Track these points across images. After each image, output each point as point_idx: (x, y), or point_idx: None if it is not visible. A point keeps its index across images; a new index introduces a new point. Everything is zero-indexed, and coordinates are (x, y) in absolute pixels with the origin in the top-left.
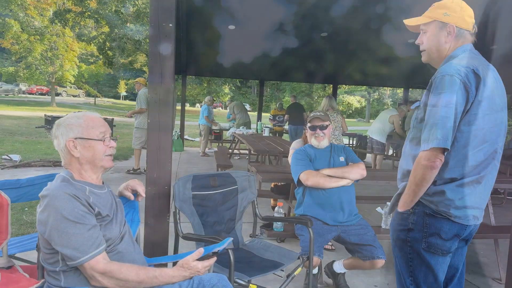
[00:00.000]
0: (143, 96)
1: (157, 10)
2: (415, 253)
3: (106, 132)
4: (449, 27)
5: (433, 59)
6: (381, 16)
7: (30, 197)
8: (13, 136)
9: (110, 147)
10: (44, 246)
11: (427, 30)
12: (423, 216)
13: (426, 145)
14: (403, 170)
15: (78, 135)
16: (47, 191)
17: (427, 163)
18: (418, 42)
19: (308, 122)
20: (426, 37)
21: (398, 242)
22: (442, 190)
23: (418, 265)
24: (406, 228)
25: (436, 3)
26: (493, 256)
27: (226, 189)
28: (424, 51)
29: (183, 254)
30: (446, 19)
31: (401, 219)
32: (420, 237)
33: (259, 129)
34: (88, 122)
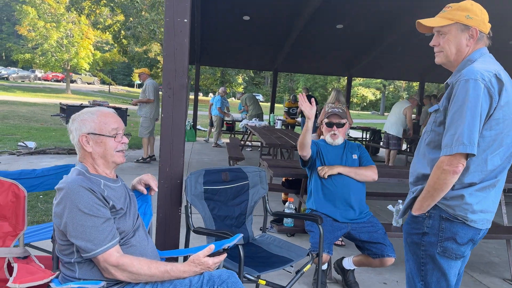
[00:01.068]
0: (152, 87)
1: (172, 5)
2: (428, 257)
3: (119, 129)
4: (472, 30)
5: (450, 62)
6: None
7: (45, 187)
8: (29, 123)
9: (122, 143)
10: (59, 237)
11: (446, 32)
12: (439, 220)
13: (448, 150)
14: (417, 173)
15: (90, 131)
16: (63, 184)
17: (449, 168)
18: (434, 43)
19: (325, 117)
20: (446, 39)
21: (411, 246)
22: (461, 194)
23: (431, 269)
24: (420, 232)
25: (454, 4)
26: (505, 257)
27: (237, 184)
28: (441, 53)
29: (194, 249)
30: (468, 22)
31: (415, 223)
32: (435, 241)
33: (271, 121)
34: (101, 118)
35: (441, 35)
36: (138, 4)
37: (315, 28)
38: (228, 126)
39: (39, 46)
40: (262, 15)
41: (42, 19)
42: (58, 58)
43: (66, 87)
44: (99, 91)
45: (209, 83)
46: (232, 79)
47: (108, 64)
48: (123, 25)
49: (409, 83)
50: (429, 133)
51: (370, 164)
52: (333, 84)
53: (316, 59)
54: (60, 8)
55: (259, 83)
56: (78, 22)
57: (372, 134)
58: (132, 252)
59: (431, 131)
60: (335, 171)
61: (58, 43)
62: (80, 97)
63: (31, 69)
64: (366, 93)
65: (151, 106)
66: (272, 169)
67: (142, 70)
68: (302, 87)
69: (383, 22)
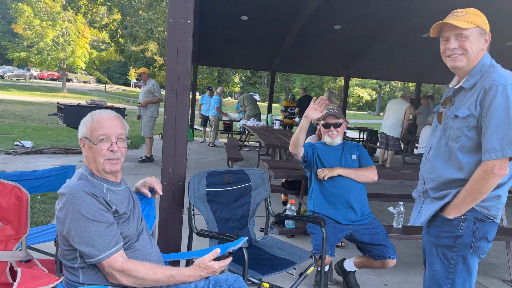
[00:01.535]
0: (159, 87)
1: (176, 6)
2: (460, 258)
3: (109, 135)
4: (487, 35)
5: (467, 65)
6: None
7: (46, 189)
8: (25, 122)
9: (110, 150)
10: (62, 242)
11: (468, 36)
12: (473, 222)
13: (499, 154)
14: (444, 179)
15: (84, 135)
16: (65, 189)
17: (499, 171)
18: (454, 46)
19: (321, 119)
20: (469, 42)
21: (441, 249)
22: (498, 194)
23: (459, 271)
24: (454, 235)
25: (470, 9)
26: (504, 258)
27: (240, 186)
28: (463, 56)
29: (197, 252)
30: (485, 27)
31: (449, 226)
32: (469, 242)
33: (269, 122)
34: (94, 122)
35: (462, 38)
36: (135, 3)
37: (313, 28)
38: (226, 126)
39: (35, 45)
40: (260, 15)
41: (38, 17)
42: (54, 57)
43: (62, 86)
44: (95, 90)
45: (206, 82)
46: (229, 78)
47: (105, 63)
48: (120, 24)
49: (405, 84)
50: (460, 138)
51: (370, 165)
52: (329, 84)
53: (314, 59)
54: (56, 7)
55: (255, 82)
56: (74, 21)
57: (369, 134)
58: (137, 256)
59: (463, 136)
60: (335, 173)
61: (54, 41)
62: (76, 96)
63: (27, 68)
64: (362, 93)
65: (157, 106)
66: (273, 170)
67: (143, 70)
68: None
69: (381, 23)
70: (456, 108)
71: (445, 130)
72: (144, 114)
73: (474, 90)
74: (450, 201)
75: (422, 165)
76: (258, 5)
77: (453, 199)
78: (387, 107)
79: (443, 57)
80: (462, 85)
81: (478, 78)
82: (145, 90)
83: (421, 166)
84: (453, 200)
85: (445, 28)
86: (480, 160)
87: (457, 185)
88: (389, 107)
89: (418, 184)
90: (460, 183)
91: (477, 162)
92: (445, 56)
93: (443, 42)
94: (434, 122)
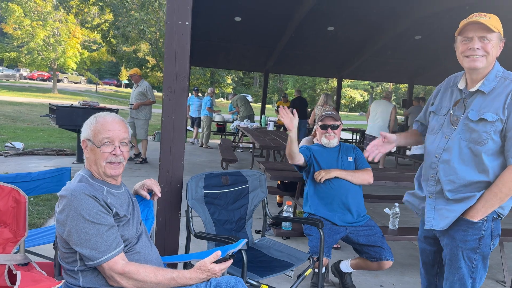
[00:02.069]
0: (151, 88)
1: (174, 8)
2: (481, 257)
3: (113, 139)
4: (503, 42)
5: (485, 67)
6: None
7: (41, 191)
8: (15, 123)
9: (112, 154)
10: (62, 245)
11: (490, 39)
12: (492, 221)
13: None
14: (466, 181)
15: (87, 137)
16: (66, 191)
17: None
18: (478, 47)
19: (319, 120)
20: (491, 45)
21: (467, 252)
22: None
23: (479, 270)
24: (478, 236)
25: (492, 15)
26: (498, 258)
27: (237, 187)
28: (484, 57)
29: (197, 254)
30: (502, 34)
31: (474, 229)
32: (489, 242)
33: (263, 123)
34: (98, 125)
35: (485, 40)
36: (128, 4)
37: (307, 30)
38: (219, 127)
39: (25, 45)
40: (253, 17)
41: (28, 17)
42: (45, 57)
43: (53, 86)
44: (86, 90)
45: (199, 83)
46: (222, 79)
47: (96, 64)
48: (112, 25)
49: (396, 85)
50: (488, 142)
51: (366, 167)
52: (321, 85)
53: (308, 61)
54: (47, 7)
55: (248, 83)
56: (65, 21)
57: (362, 136)
58: (137, 259)
59: (490, 139)
60: (331, 175)
61: (45, 41)
62: (67, 97)
63: (16, 68)
64: (354, 95)
65: (150, 108)
66: (269, 172)
67: (134, 71)
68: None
69: (373, 26)
70: (476, 111)
71: (464, 132)
72: (138, 117)
73: (494, 94)
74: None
75: (430, 166)
76: (251, 6)
77: (478, 202)
78: (372, 109)
79: (461, 57)
80: (480, 89)
81: (495, 84)
82: (138, 92)
83: (429, 167)
84: (479, 203)
85: (469, 28)
86: (503, 163)
87: (480, 187)
88: (375, 108)
89: (425, 185)
90: (483, 185)
91: (501, 164)
92: (463, 56)
93: (463, 41)
94: (436, 122)
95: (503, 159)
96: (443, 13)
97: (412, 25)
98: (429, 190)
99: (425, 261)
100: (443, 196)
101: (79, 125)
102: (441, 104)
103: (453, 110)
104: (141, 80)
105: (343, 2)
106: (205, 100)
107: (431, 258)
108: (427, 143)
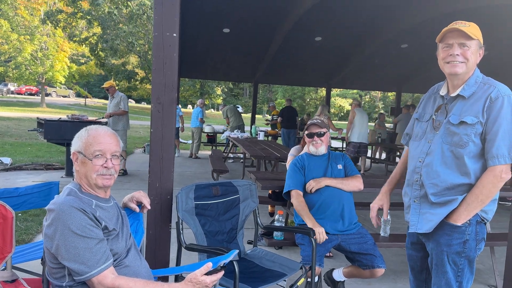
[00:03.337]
0: (127, 99)
1: (161, 20)
2: (466, 261)
3: (105, 151)
4: (482, 49)
5: (465, 73)
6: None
7: (28, 206)
8: (3, 138)
9: (104, 167)
10: (50, 260)
11: (470, 46)
12: (476, 225)
13: (507, 159)
14: (448, 183)
15: (78, 149)
16: (54, 205)
17: (506, 176)
18: (457, 53)
19: (305, 129)
20: (470, 52)
21: (452, 256)
22: (495, 198)
23: (466, 273)
24: (462, 240)
25: (471, 23)
26: (489, 263)
27: (228, 198)
28: (463, 64)
29: (188, 266)
30: (482, 42)
31: (457, 233)
32: (474, 245)
33: (253, 133)
34: (90, 138)
35: (464, 47)
36: (116, 17)
37: (294, 40)
38: (210, 138)
39: (12, 59)
40: (241, 28)
41: (16, 31)
42: (32, 71)
43: (41, 100)
44: (75, 104)
45: (189, 94)
46: (212, 90)
47: (84, 77)
48: (101, 38)
49: (385, 93)
50: (469, 144)
51: (355, 174)
52: (310, 94)
53: (296, 70)
54: (34, 21)
55: (237, 94)
56: (53, 35)
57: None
58: (126, 272)
59: (470, 142)
60: (322, 184)
61: (32, 56)
62: (56, 111)
63: (4, 83)
64: (343, 104)
65: (127, 118)
66: (260, 182)
67: (110, 83)
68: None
69: (360, 35)
70: (457, 115)
71: (446, 136)
72: (117, 128)
73: (474, 98)
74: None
75: (414, 170)
76: (239, 17)
77: (461, 205)
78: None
79: (442, 63)
80: (460, 93)
81: (475, 89)
82: (114, 103)
83: (413, 172)
84: (461, 206)
85: (449, 35)
86: (485, 165)
87: (462, 190)
88: (362, 116)
89: (409, 189)
90: (466, 187)
91: (482, 167)
92: (444, 62)
93: (444, 48)
94: (419, 128)
95: (484, 161)
96: (427, 22)
97: (398, 34)
98: (414, 195)
99: (413, 267)
100: (427, 200)
101: (68, 139)
102: (425, 111)
103: (435, 116)
104: (116, 92)
105: (330, 12)
106: (196, 111)
107: (419, 264)
108: (411, 149)
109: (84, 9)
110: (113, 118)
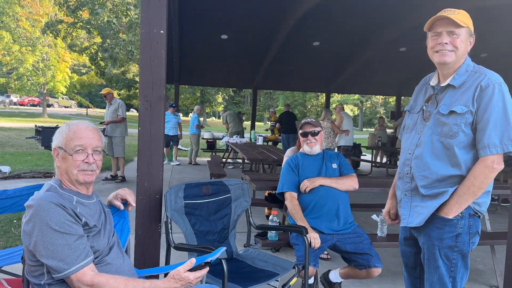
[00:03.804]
0: (124, 106)
1: (148, 17)
2: (460, 256)
3: (85, 146)
4: (473, 37)
5: (454, 62)
6: (371, 25)
7: (17, 208)
8: (3, 148)
9: (85, 162)
10: (29, 258)
11: (459, 34)
12: (468, 218)
13: (498, 149)
14: (438, 175)
15: (59, 144)
16: (32, 201)
17: (498, 166)
18: (446, 41)
19: (299, 128)
20: (460, 40)
21: (444, 250)
22: (488, 190)
23: (459, 268)
24: (455, 234)
25: (461, 11)
26: (490, 263)
27: (219, 197)
28: (453, 52)
29: (175, 265)
30: (472, 29)
31: (449, 226)
32: (467, 239)
33: (252, 138)
34: (70, 132)
35: (453, 35)
36: (115, 26)
37: (292, 45)
38: (209, 145)
39: (14, 71)
40: (239, 34)
41: (17, 43)
42: (34, 82)
43: (43, 111)
44: (77, 114)
45: (189, 102)
46: (212, 98)
47: (86, 87)
48: (100, 47)
49: (386, 99)
50: (458, 134)
51: (350, 173)
52: (311, 101)
53: (295, 76)
54: (36, 32)
55: (239, 102)
56: (54, 45)
57: (353, 149)
58: (108, 270)
59: (460, 132)
60: (316, 184)
61: (34, 67)
62: (57, 121)
63: (6, 94)
64: (345, 110)
65: (125, 124)
66: (254, 183)
67: (107, 90)
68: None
69: (358, 39)
70: (447, 105)
71: (436, 127)
72: (114, 135)
73: (465, 87)
74: (446, 200)
75: (404, 163)
76: (237, 24)
77: (452, 198)
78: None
79: (431, 52)
80: (450, 83)
81: (466, 78)
82: (112, 110)
83: (403, 164)
84: (452, 199)
85: (438, 24)
86: (476, 156)
87: (452, 181)
88: (349, 120)
89: (401, 182)
90: (457, 179)
91: (474, 158)
92: (433, 52)
93: (433, 37)
94: (410, 120)
95: (476, 152)
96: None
97: (396, 38)
98: (405, 188)
99: (407, 264)
100: (418, 193)
101: None
102: (416, 103)
103: (425, 107)
104: (114, 99)
105: (327, 17)
106: (192, 118)
107: (412, 260)
108: (402, 141)
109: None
110: (111, 124)
